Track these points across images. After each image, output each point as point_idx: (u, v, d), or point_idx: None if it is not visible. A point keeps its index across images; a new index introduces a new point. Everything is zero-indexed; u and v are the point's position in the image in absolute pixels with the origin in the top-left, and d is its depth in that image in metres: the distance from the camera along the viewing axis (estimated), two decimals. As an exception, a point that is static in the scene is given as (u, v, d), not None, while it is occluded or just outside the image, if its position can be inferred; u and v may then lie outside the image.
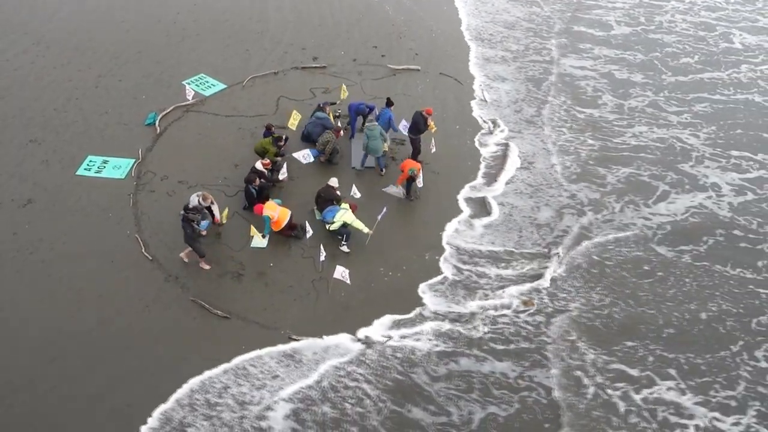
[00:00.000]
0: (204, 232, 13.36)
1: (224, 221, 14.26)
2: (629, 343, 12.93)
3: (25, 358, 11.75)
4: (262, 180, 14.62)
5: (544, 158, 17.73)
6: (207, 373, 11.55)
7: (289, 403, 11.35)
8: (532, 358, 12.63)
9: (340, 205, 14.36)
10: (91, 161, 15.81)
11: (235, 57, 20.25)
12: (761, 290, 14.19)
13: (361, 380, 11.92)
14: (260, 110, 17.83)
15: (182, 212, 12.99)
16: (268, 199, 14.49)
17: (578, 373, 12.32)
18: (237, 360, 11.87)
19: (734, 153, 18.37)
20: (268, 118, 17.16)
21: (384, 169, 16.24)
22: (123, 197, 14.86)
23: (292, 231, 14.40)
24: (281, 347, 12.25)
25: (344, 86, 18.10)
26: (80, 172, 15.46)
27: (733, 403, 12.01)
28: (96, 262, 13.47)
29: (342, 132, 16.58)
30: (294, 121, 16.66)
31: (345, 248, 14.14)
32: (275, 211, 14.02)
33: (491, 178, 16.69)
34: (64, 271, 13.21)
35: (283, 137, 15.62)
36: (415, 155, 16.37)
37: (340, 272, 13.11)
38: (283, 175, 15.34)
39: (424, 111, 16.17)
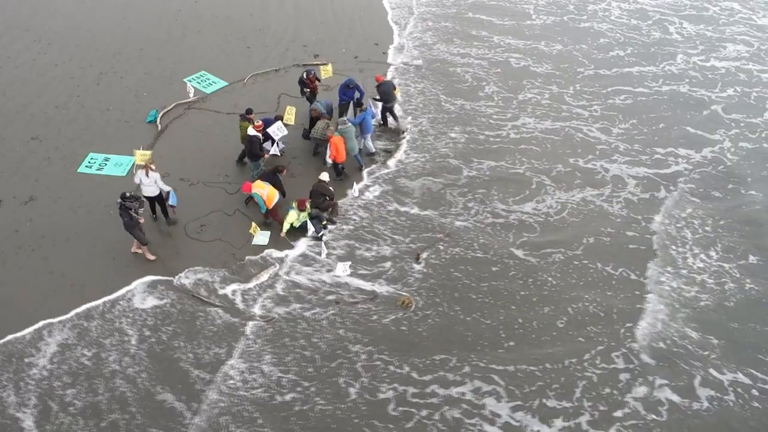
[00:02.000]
0: (142, 219, 12.80)
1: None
2: (440, 355, 11.89)
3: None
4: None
5: (396, 153, 16.66)
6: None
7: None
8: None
9: (333, 199, 14.39)
10: (92, 159, 15.48)
11: (236, 54, 19.78)
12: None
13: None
14: (262, 107, 17.42)
15: (119, 200, 12.53)
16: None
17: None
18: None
19: (651, 148, 17.35)
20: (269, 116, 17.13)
21: (363, 166, 15.98)
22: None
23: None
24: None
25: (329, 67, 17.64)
26: (82, 169, 15.13)
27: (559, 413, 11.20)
28: (98, 260, 13.34)
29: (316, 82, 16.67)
30: (290, 116, 16.17)
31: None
32: (264, 189, 13.69)
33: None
34: (66, 269, 12.92)
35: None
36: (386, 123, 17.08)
37: (341, 268, 13.14)
38: (275, 150, 15.05)
39: (380, 78, 16.68)
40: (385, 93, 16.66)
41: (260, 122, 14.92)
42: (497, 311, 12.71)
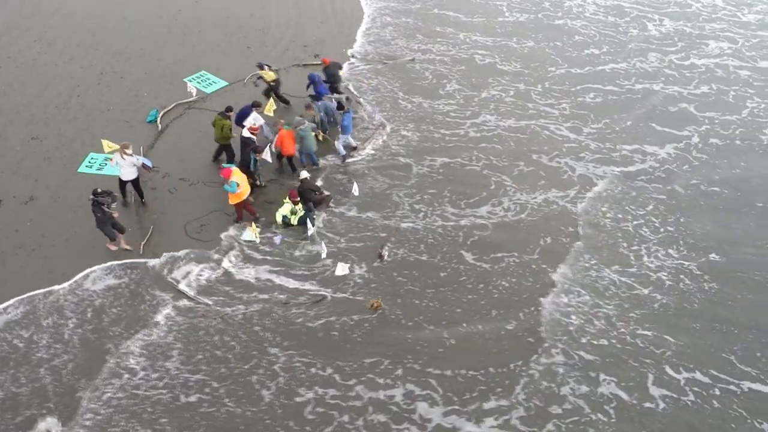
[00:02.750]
0: (116, 214, 12.85)
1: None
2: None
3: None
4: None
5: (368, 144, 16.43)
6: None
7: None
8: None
9: (322, 193, 14.44)
10: (92, 158, 15.36)
11: (236, 54, 19.71)
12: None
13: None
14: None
15: (91, 197, 12.55)
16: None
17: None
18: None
19: (618, 145, 17.02)
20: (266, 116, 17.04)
21: (318, 166, 15.78)
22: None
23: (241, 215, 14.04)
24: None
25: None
26: (82, 169, 15.06)
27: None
28: (98, 260, 13.17)
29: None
30: (270, 109, 16.12)
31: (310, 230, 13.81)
32: (243, 181, 13.64)
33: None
34: (66, 269, 12.97)
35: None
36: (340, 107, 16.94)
37: (341, 268, 12.99)
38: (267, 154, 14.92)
39: (327, 61, 16.93)
40: (331, 75, 16.94)
41: (256, 125, 14.76)
42: (441, 315, 12.43)
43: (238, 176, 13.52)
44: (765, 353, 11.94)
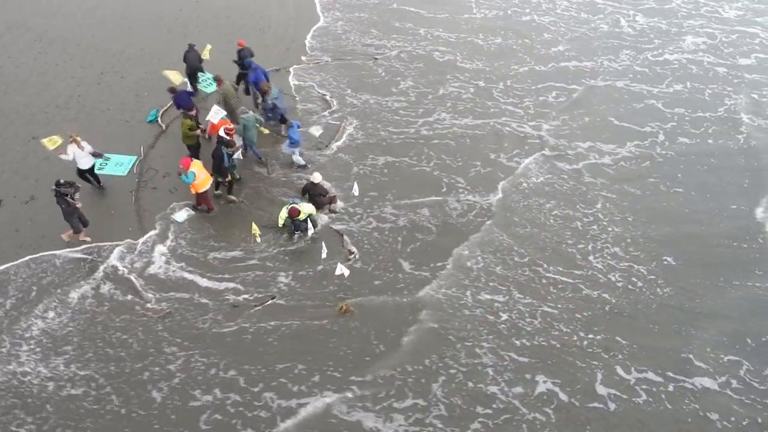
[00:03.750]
0: (79, 204, 12.69)
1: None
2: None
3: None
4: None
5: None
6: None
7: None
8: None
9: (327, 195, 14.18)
10: None
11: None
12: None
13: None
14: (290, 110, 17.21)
15: (54, 188, 12.40)
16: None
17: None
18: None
19: (574, 143, 16.67)
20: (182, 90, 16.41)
21: (262, 158, 15.49)
22: (125, 194, 14.60)
23: (199, 206, 14.00)
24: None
25: (209, 47, 17.36)
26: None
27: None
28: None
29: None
30: (206, 51, 16.10)
31: (314, 233, 13.63)
32: (201, 173, 13.55)
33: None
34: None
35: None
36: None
37: (341, 269, 12.68)
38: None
39: (242, 43, 16.85)
40: (243, 58, 16.87)
41: (232, 125, 14.37)
42: (369, 321, 12.10)
43: (197, 167, 13.43)
44: (719, 351, 11.85)
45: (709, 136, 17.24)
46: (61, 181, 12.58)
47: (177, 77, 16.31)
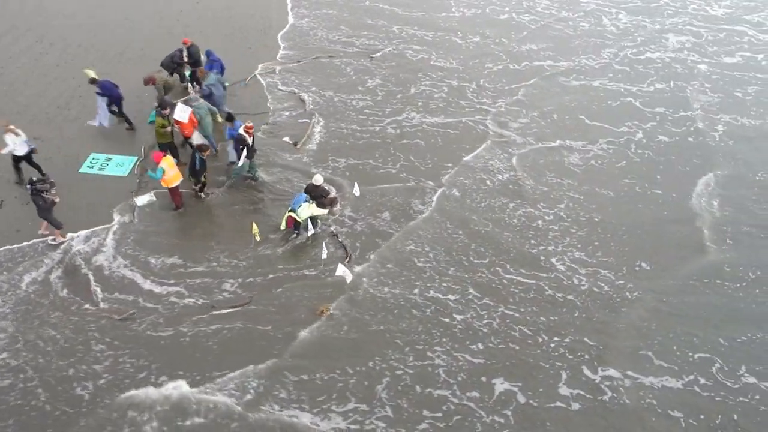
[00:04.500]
0: (57, 199, 12.47)
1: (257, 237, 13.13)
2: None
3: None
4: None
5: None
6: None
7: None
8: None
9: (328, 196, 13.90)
10: (94, 159, 15.20)
11: (237, 54, 19.38)
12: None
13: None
14: (262, 108, 17.40)
15: (29, 186, 12.23)
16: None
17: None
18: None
19: (542, 142, 16.41)
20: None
21: (217, 150, 15.30)
22: (126, 195, 14.40)
23: (179, 203, 13.83)
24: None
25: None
26: (83, 169, 14.83)
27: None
28: None
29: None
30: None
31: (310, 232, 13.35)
32: (171, 169, 13.46)
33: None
34: None
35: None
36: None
37: (342, 270, 12.44)
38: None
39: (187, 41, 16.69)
40: (193, 55, 16.89)
41: (251, 123, 14.22)
42: (320, 329, 11.62)
43: (167, 163, 13.34)
44: (683, 349, 11.62)
45: (691, 134, 17.10)
46: (34, 178, 12.49)
47: (90, 72, 16.23)
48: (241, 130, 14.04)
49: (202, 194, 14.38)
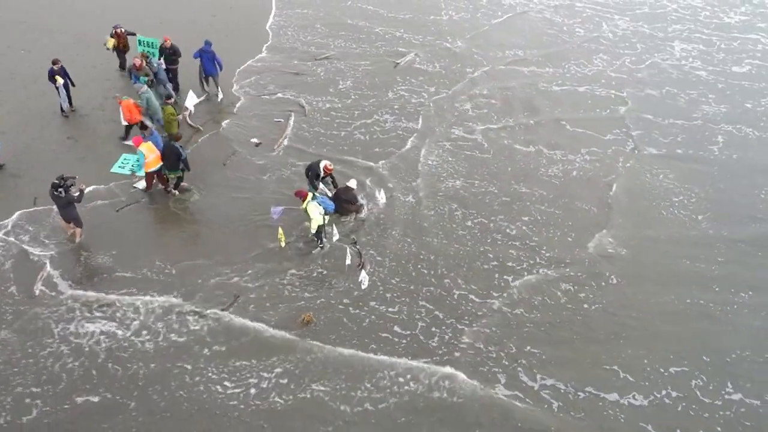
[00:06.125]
0: (83, 186, 12.51)
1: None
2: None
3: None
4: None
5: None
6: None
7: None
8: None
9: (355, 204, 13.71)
10: (125, 159, 15.18)
11: (238, 54, 19.31)
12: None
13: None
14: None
15: (56, 191, 12.09)
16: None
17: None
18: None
19: (519, 147, 16.12)
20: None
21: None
22: (160, 195, 14.36)
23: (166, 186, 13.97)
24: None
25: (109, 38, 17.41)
26: (114, 169, 14.85)
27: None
28: (131, 260, 12.95)
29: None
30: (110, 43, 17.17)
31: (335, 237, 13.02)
32: (152, 153, 13.50)
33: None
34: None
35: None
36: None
37: (361, 276, 12.27)
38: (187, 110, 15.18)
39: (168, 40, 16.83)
40: (174, 52, 17.05)
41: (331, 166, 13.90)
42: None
43: (146, 148, 13.47)
44: (661, 365, 11.25)
45: (679, 145, 16.67)
46: (56, 180, 12.28)
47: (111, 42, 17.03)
48: (321, 167, 13.71)
49: (175, 191, 14.27)
